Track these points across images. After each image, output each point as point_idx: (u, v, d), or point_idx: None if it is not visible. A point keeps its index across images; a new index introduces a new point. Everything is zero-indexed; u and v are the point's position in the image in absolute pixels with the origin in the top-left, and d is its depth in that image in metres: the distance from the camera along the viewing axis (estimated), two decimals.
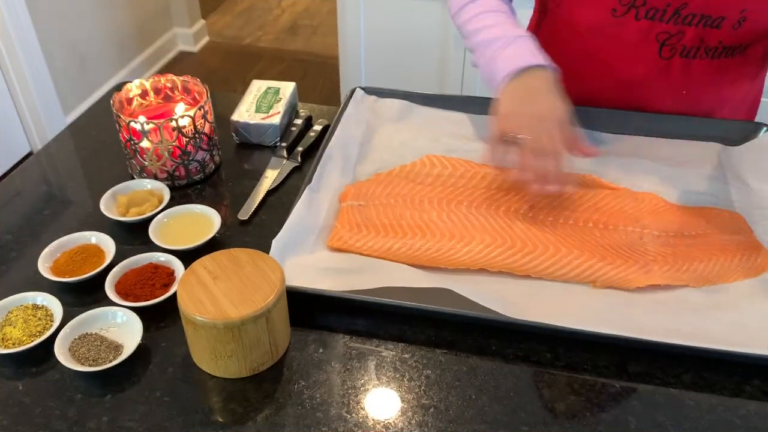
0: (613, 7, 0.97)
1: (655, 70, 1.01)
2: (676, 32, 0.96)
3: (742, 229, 0.88)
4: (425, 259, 0.83)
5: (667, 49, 0.98)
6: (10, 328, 0.75)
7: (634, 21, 0.97)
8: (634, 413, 0.69)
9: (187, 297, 0.69)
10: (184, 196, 0.96)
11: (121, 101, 0.98)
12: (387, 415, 0.69)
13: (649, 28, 0.97)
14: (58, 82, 2.63)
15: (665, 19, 0.95)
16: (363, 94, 1.11)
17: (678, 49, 0.98)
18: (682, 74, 1.01)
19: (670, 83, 1.02)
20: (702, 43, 0.97)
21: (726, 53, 0.98)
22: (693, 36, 0.96)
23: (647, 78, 1.02)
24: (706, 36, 0.96)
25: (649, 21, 0.96)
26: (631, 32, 0.98)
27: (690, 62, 0.99)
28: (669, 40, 0.97)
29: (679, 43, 0.97)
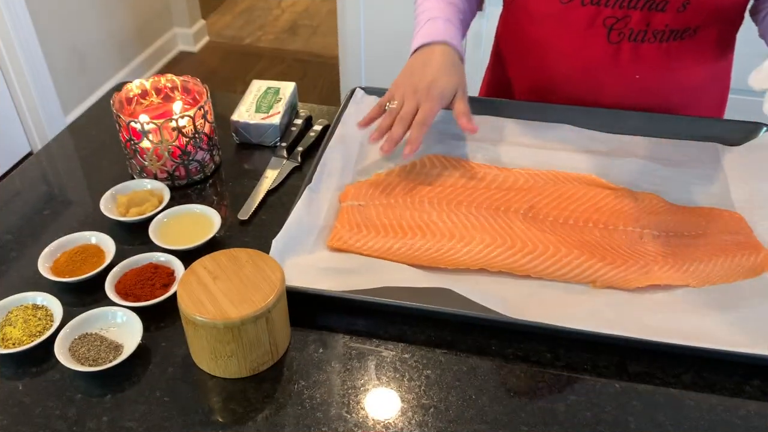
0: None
1: (606, 55, 1.03)
2: (622, 16, 0.98)
3: (742, 229, 0.88)
4: (425, 259, 0.83)
5: (615, 34, 1.00)
6: (10, 328, 0.75)
7: (581, 7, 0.99)
8: (634, 413, 0.69)
9: (187, 297, 0.69)
10: (184, 196, 0.96)
11: (121, 101, 0.98)
12: (387, 415, 0.69)
13: (596, 13, 0.99)
14: (58, 82, 2.63)
15: (610, 4, 0.97)
16: (363, 94, 1.11)
17: (626, 34, 1.00)
18: (632, 58, 1.03)
19: (621, 68, 1.04)
20: (649, 26, 0.98)
21: (674, 36, 1.00)
22: (639, 19, 0.98)
23: (599, 63, 1.04)
24: (652, 19, 0.98)
25: (595, 6, 0.98)
26: (579, 18, 1.01)
27: (639, 46, 1.01)
28: (616, 24, 0.99)
29: (626, 27, 0.99)
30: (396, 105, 0.93)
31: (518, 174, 0.95)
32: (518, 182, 0.94)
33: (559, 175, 0.96)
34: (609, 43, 1.01)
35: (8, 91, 2.50)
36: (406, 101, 0.93)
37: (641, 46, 1.01)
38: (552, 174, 0.96)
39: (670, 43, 1.01)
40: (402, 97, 0.94)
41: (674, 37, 1.00)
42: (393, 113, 0.94)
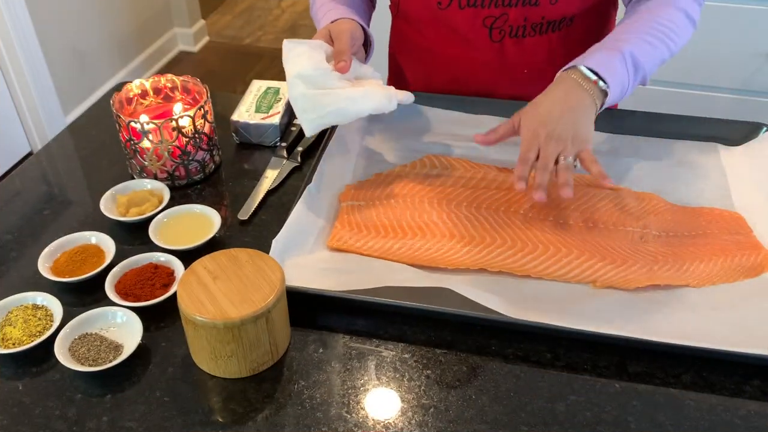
0: (438, 0, 1.01)
1: (491, 53, 1.05)
2: (500, 14, 1.00)
3: (742, 229, 0.88)
4: (425, 259, 0.83)
5: (496, 32, 1.02)
6: (10, 328, 0.75)
7: (459, 10, 1.01)
8: (634, 413, 0.69)
9: (187, 297, 0.69)
10: (184, 196, 0.96)
11: (121, 101, 0.98)
12: (387, 415, 0.69)
13: (475, 14, 1.01)
14: (58, 82, 2.63)
15: (486, 4, 0.99)
16: None
17: (506, 31, 1.02)
18: (516, 54, 1.04)
19: (508, 64, 1.06)
20: (527, 21, 1.00)
21: (552, 28, 1.02)
22: (516, 15, 1.00)
23: (486, 63, 1.06)
24: (528, 14, 0.99)
25: (473, 8, 1.00)
26: (459, 21, 1.02)
27: (521, 41, 1.03)
28: (495, 23, 1.01)
29: (506, 25, 1.01)
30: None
31: None
32: None
33: None
34: (492, 41, 1.03)
35: (8, 91, 2.50)
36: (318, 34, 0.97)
37: (523, 41, 1.03)
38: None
39: (549, 35, 1.03)
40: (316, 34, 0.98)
41: (552, 28, 1.02)
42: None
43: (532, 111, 0.87)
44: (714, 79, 2.10)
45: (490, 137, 0.91)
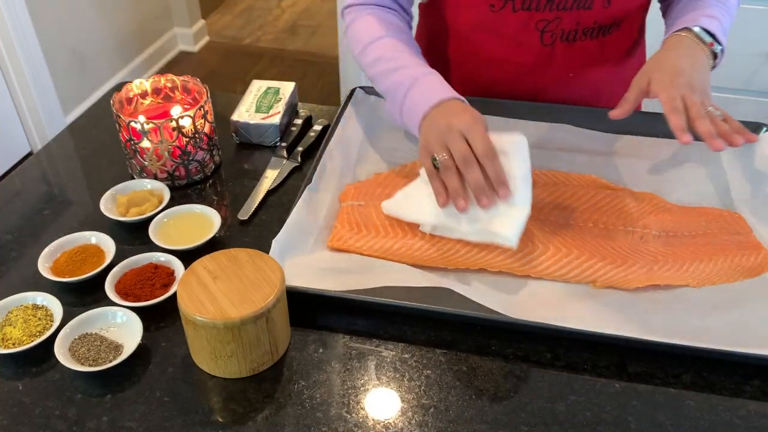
0: (491, 3, 0.99)
1: (540, 57, 1.04)
2: (553, 18, 0.99)
3: (742, 229, 0.88)
4: (425, 259, 0.83)
5: (547, 36, 1.01)
6: (10, 328, 0.75)
7: (512, 13, 0.99)
8: (634, 413, 0.69)
9: (187, 297, 0.69)
10: (184, 196, 0.96)
11: (121, 101, 0.98)
12: (387, 415, 0.69)
13: (528, 18, 0.99)
14: (58, 82, 2.63)
15: (541, 8, 0.98)
16: (363, 95, 1.11)
17: (558, 34, 1.01)
18: (565, 58, 1.04)
19: (556, 68, 1.06)
20: (579, 25, 1.00)
21: (603, 32, 1.02)
22: (570, 20, 0.99)
23: (533, 66, 1.05)
24: (581, 18, 0.99)
25: (526, 11, 0.99)
26: (511, 25, 1.01)
27: (571, 45, 1.02)
28: (548, 26, 1.00)
29: (558, 29, 1.00)
30: (444, 157, 0.79)
31: None
32: None
33: (559, 176, 0.96)
34: (543, 45, 1.03)
35: (8, 91, 2.50)
36: (453, 144, 0.79)
37: (573, 45, 1.02)
38: (552, 174, 0.96)
39: (600, 39, 1.03)
40: (443, 146, 0.80)
41: (602, 32, 1.02)
42: (449, 165, 0.79)
43: (661, 68, 0.86)
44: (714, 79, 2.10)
45: (626, 108, 0.86)
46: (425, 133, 0.84)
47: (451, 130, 0.80)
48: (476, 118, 0.81)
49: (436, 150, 0.80)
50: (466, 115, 0.81)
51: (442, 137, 0.80)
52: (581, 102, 1.10)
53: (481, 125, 0.80)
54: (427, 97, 0.86)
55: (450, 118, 0.81)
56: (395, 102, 0.91)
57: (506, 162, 0.79)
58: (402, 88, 0.89)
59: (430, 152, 0.81)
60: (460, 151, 0.78)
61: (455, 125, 0.80)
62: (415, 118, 0.87)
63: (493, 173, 0.77)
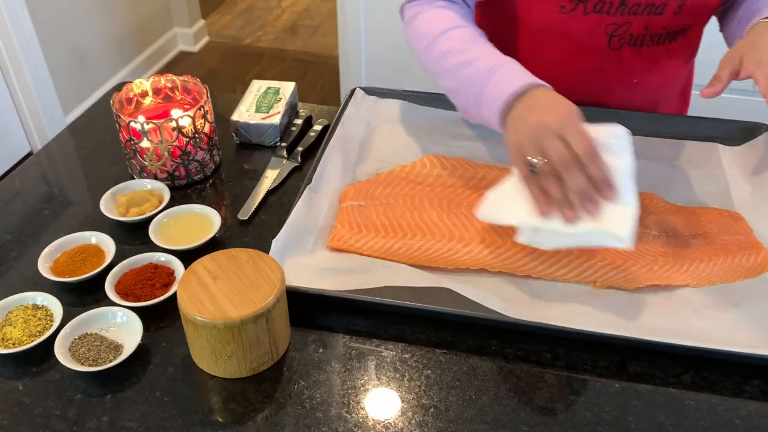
0: (561, 4, 0.98)
1: (606, 61, 1.03)
2: (623, 23, 0.98)
3: (742, 229, 0.88)
4: (425, 260, 0.83)
5: (616, 40, 1.00)
6: (10, 328, 0.75)
7: (583, 16, 0.98)
8: (634, 413, 0.69)
9: (187, 297, 0.69)
10: (184, 196, 0.96)
11: (121, 101, 0.98)
12: (387, 415, 0.69)
13: (598, 21, 0.98)
14: (58, 82, 2.63)
15: (612, 11, 0.97)
16: (363, 95, 1.11)
17: (626, 39, 1.00)
18: (631, 62, 1.03)
19: (621, 72, 1.04)
20: (647, 30, 0.99)
21: (670, 38, 1.01)
22: (639, 24, 0.98)
23: (599, 70, 1.04)
24: (650, 23, 0.98)
25: (597, 14, 0.97)
26: (580, 27, 0.99)
27: (638, 50, 1.01)
28: (617, 31, 0.99)
29: (626, 33, 0.99)
30: (541, 161, 0.72)
31: None
32: None
33: None
34: (610, 49, 1.01)
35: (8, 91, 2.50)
36: (549, 145, 0.71)
37: (640, 50, 1.01)
38: None
39: (666, 45, 1.02)
40: (538, 147, 0.72)
41: (669, 38, 1.01)
42: (548, 171, 0.72)
43: (755, 47, 0.84)
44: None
45: (718, 87, 0.82)
46: (514, 133, 0.76)
47: (545, 129, 0.72)
48: (570, 111, 0.74)
49: (531, 153, 0.73)
50: (558, 110, 0.74)
51: (536, 138, 0.72)
52: (641, 108, 1.08)
53: (576, 120, 0.73)
54: (507, 87, 0.78)
55: (541, 115, 0.74)
56: (470, 95, 0.84)
57: (609, 158, 0.72)
58: (478, 79, 0.82)
59: (523, 155, 0.74)
60: (558, 153, 0.71)
61: (549, 124, 0.72)
62: (495, 111, 0.79)
63: (598, 175, 0.71)
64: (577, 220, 0.72)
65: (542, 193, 0.73)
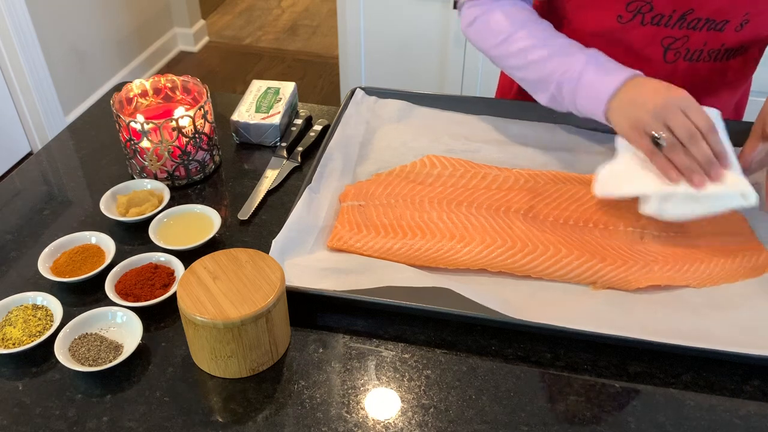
0: (619, 14, 0.96)
1: (660, 74, 0.99)
2: (681, 36, 0.96)
3: (744, 230, 0.88)
4: (425, 260, 0.83)
5: (671, 53, 0.98)
6: (10, 328, 0.75)
7: (640, 26, 0.96)
8: (634, 413, 0.69)
9: (187, 297, 0.69)
10: (184, 196, 0.96)
11: (121, 101, 0.98)
12: (387, 415, 0.69)
13: (655, 33, 0.97)
14: (58, 82, 2.63)
15: (671, 24, 0.95)
16: (363, 95, 1.11)
17: (682, 53, 0.98)
18: (685, 77, 1.01)
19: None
20: (705, 46, 0.97)
21: (728, 55, 0.99)
22: (697, 40, 0.96)
23: None
24: (710, 39, 0.96)
25: (655, 27, 0.96)
26: (636, 38, 0.98)
27: (694, 65, 0.99)
28: (674, 44, 0.97)
29: (683, 47, 0.97)
30: (667, 134, 0.80)
31: (518, 174, 0.95)
32: (518, 182, 0.94)
33: (559, 176, 0.96)
34: (665, 62, 0.99)
35: (8, 91, 2.50)
36: (675, 120, 0.79)
37: (696, 65, 0.99)
38: (552, 174, 0.96)
39: (723, 62, 1.00)
40: (662, 123, 0.80)
41: (728, 56, 0.99)
42: (675, 142, 0.79)
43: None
44: None
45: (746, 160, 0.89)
46: (627, 113, 0.83)
47: (670, 106, 0.80)
48: (686, 92, 0.81)
49: (655, 128, 0.80)
50: (678, 90, 0.81)
51: (660, 115, 0.80)
52: None
53: (694, 100, 0.81)
54: (608, 78, 0.86)
55: (661, 95, 0.81)
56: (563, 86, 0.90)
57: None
58: (571, 72, 0.89)
59: (645, 131, 0.81)
60: (685, 127, 0.79)
61: (672, 101, 0.80)
62: (598, 100, 0.86)
63: (718, 147, 0.80)
64: (705, 184, 0.80)
65: (669, 164, 0.80)
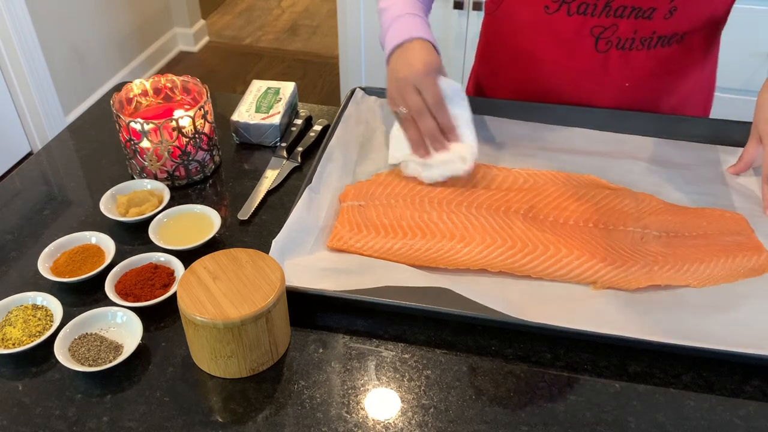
0: (546, 4, 0.99)
1: (594, 63, 1.03)
2: (609, 25, 0.98)
3: (744, 230, 0.88)
4: (425, 260, 0.83)
5: (602, 42, 1.00)
6: (10, 328, 0.75)
7: (567, 17, 0.99)
8: (634, 413, 0.69)
9: (187, 297, 0.69)
10: (184, 196, 0.96)
11: (121, 101, 0.98)
12: (387, 415, 0.69)
13: (582, 22, 0.98)
14: (58, 82, 2.63)
15: (597, 13, 0.97)
16: (363, 95, 1.11)
17: (614, 42, 1.00)
18: (621, 66, 1.02)
19: (611, 76, 1.04)
20: (636, 34, 0.98)
21: (662, 43, 1.00)
22: (626, 28, 0.98)
23: (588, 72, 1.04)
24: (639, 27, 0.97)
25: (582, 16, 0.98)
26: (565, 28, 1.00)
27: (627, 54, 1.01)
28: (603, 33, 0.99)
29: (614, 36, 0.99)
30: (403, 110, 0.90)
31: (518, 174, 0.95)
32: (518, 182, 0.94)
33: (559, 176, 0.96)
34: (597, 52, 1.01)
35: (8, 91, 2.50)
36: (408, 98, 0.89)
37: (629, 53, 1.01)
38: (552, 174, 0.96)
39: (657, 50, 1.01)
40: (402, 98, 0.90)
41: (662, 43, 1.00)
42: (407, 118, 0.91)
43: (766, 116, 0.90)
44: None
45: (741, 166, 0.95)
46: (389, 84, 0.93)
47: (406, 83, 0.89)
48: (428, 68, 0.88)
49: (398, 103, 0.91)
50: (419, 66, 0.89)
51: (399, 90, 0.90)
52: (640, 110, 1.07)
53: (431, 74, 0.88)
54: (395, 37, 0.93)
55: (405, 70, 0.89)
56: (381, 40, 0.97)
57: (452, 108, 0.91)
58: (384, 26, 0.96)
59: (393, 104, 0.92)
60: (415, 104, 0.89)
61: (409, 78, 0.89)
62: (385, 60, 0.95)
63: (444, 121, 0.90)
64: (430, 155, 0.91)
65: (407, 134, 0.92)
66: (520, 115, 1.08)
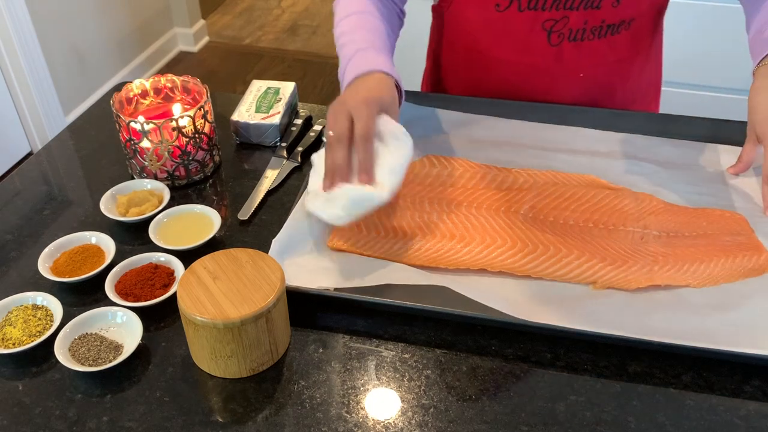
0: (496, 2, 0.99)
1: (548, 57, 1.04)
2: (560, 18, 0.99)
3: (744, 230, 0.88)
4: (425, 260, 0.83)
5: (555, 36, 1.01)
6: (10, 328, 0.75)
7: (518, 13, 0.99)
8: (634, 413, 0.69)
9: (187, 297, 0.69)
10: (184, 196, 0.96)
11: (121, 101, 0.98)
12: (387, 415, 0.69)
13: (534, 18, 0.99)
14: (58, 82, 2.63)
15: (547, 7, 0.98)
16: None
17: (566, 34, 1.01)
18: (574, 57, 1.04)
19: (565, 68, 1.05)
20: (587, 24, 1.00)
21: (612, 31, 1.01)
22: (577, 19, 0.99)
23: (542, 66, 1.05)
24: (589, 17, 0.99)
25: (533, 11, 0.99)
26: (517, 24, 1.01)
27: (579, 45, 1.02)
28: (555, 26, 1.00)
29: (565, 28, 1.00)
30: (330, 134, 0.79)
31: (518, 174, 0.95)
32: (518, 182, 0.94)
33: (559, 176, 0.96)
34: (550, 45, 1.02)
35: (8, 91, 2.50)
36: (336, 122, 0.78)
37: (581, 44, 1.02)
38: (552, 174, 0.96)
39: (608, 38, 1.02)
40: (333, 120, 0.79)
41: (611, 31, 1.01)
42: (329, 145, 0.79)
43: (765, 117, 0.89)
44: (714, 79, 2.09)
45: (741, 167, 0.94)
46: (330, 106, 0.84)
47: (342, 107, 0.79)
48: (370, 98, 0.80)
49: (329, 126, 0.79)
50: (363, 94, 0.80)
51: (334, 113, 0.79)
52: (595, 102, 1.09)
53: (369, 107, 0.78)
54: (354, 70, 0.86)
55: (347, 95, 0.81)
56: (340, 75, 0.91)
57: (382, 149, 0.79)
58: (344, 61, 0.89)
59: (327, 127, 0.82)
60: (337, 130, 0.78)
61: (347, 103, 0.79)
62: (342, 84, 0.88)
63: (362, 157, 0.77)
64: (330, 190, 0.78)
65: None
66: (520, 115, 1.07)
